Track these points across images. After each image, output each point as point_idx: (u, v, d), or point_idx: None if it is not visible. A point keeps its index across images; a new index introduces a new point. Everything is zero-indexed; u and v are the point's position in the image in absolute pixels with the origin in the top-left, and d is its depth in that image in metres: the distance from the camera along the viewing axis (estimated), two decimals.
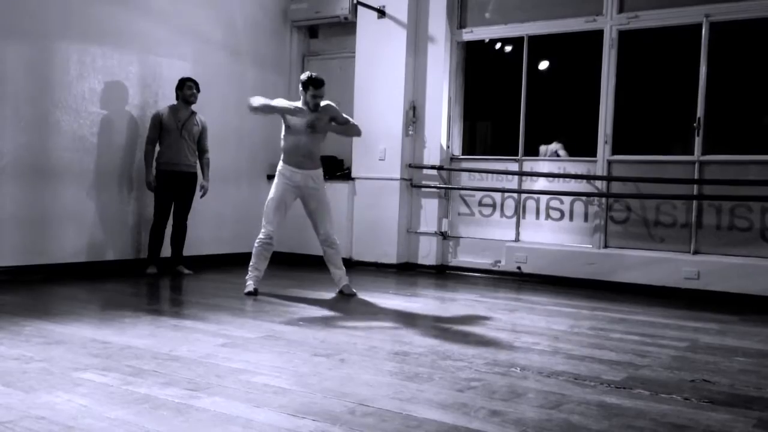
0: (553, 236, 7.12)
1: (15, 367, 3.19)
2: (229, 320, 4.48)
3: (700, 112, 6.39)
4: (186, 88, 6.61)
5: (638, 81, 7.13)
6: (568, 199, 7.04)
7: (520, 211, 7.29)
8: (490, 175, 7.44)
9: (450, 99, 7.72)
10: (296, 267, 7.60)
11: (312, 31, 8.73)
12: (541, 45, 7.39)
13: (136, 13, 6.76)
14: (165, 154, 6.59)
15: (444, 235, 7.66)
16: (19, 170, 5.95)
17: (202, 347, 3.69)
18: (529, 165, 7.30)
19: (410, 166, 7.72)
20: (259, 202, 8.30)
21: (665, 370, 3.53)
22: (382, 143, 7.66)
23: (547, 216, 7.17)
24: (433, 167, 7.64)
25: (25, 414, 2.54)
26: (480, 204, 7.53)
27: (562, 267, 6.87)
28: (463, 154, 7.83)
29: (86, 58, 6.39)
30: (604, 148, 6.85)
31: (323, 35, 8.69)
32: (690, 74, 6.43)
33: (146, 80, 6.91)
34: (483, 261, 7.44)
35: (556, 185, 7.12)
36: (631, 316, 5.13)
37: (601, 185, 6.87)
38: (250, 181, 8.15)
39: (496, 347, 3.94)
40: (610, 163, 6.84)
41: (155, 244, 6.62)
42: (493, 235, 7.43)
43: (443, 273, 7.57)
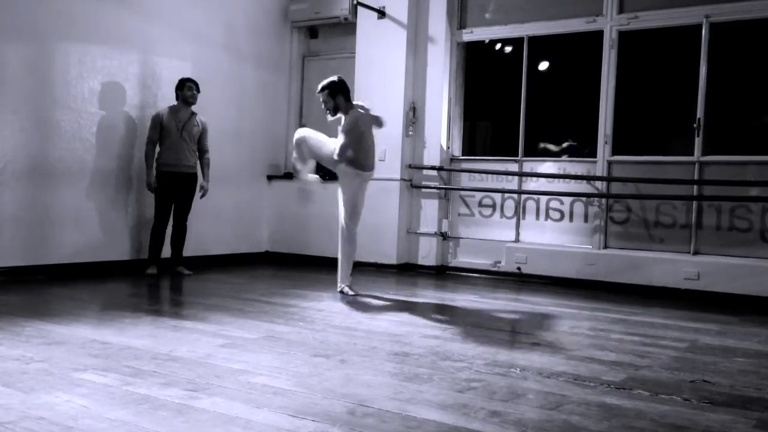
0: (553, 237, 7.12)
1: (15, 367, 3.19)
2: (229, 321, 4.48)
3: (700, 112, 6.39)
4: (186, 89, 6.61)
5: (638, 82, 7.12)
6: (568, 200, 7.05)
7: (520, 212, 7.29)
8: (490, 175, 7.45)
9: (450, 99, 7.72)
10: (296, 267, 7.61)
11: (312, 31, 8.74)
12: (541, 45, 7.39)
13: (136, 13, 6.76)
14: (165, 154, 6.59)
15: (444, 236, 7.66)
16: (19, 171, 5.95)
17: (202, 348, 3.69)
18: (529, 165, 7.30)
19: (410, 166, 7.72)
20: (259, 202, 8.34)
21: (665, 370, 3.53)
22: (382, 144, 7.62)
23: (547, 216, 7.17)
24: (433, 168, 7.64)
25: (24, 414, 2.54)
26: (480, 204, 7.54)
27: (562, 267, 6.87)
28: (463, 155, 7.83)
29: (86, 58, 6.39)
30: (604, 149, 6.85)
31: (323, 36, 8.69)
32: (690, 75, 6.43)
33: (146, 80, 6.91)
34: (483, 261, 7.44)
35: (556, 186, 7.12)
36: (631, 317, 5.13)
37: (601, 186, 6.88)
38: (250, 181, 8.16)
39: (495, 348, 3.94)
40: (610, 163, 6.84)
41: (155, 244, 6.62)
42: (493, 235, 7.43)
43: (443, 273, 7.57)
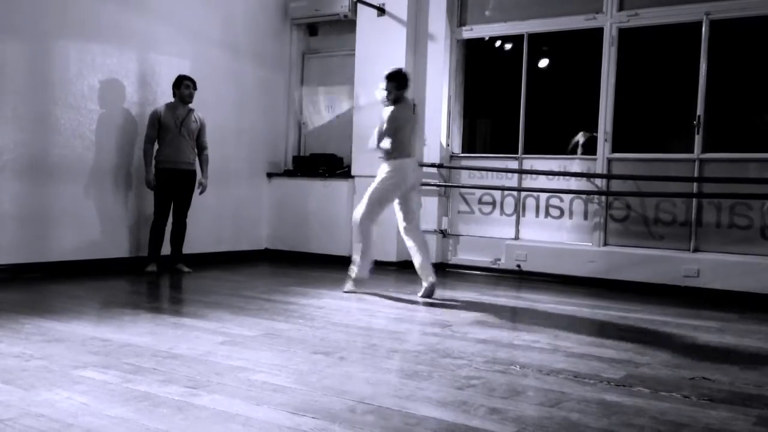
0: (553, 234, 7.12)
1: (15, 364, 3.19)
2: (228, 318, 4.48)
3: (700, 109, 6.38)
4: (183, 87, 6.60)
5: (638, 79, 7.13)
6: (567, 197, 7.04)
7: (519, 209, 7.29)
8: (489, 173, 7.44)
9: (450, 97, 7.72)
10: (296, 265, 7.61)
11: (312, 28, 8.73)
12: (541, 43, 7.39)
13: (135, 11, 6.75)
14: (164, 152, 6.58)
15: (444, 233, 7.66)
16: (18, 168, 5.95)
17: (202, 345, 3.69)
18: (529, 163, 7.29)
19: None
20: (259, 200, 8.34)
21: (665, 367, 3.53)
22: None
23: (547, 214, 7.17)
24: (432, 165, 7.63)
25: (24, 411, 2.54)
26: (480, 202, 7.53)
27: (562, 265, 6.87)
28: (462, 152, 7.83)
29: (86, 56, 6.38)
30: (603, 146, 6.84)
31: (323, 33, 8.68)
32: (690, 72, 6.43)
33: (145, 78, 6.90)
34: (483, 259, 7.44)
35: (556, 183, 7.12)
36: (631, 314, 5.13)
37: (600, 183, 6.87)
38: (250, 179, 8.15)
39: (495, 345, 3.94)
40: (609, 161, 6.83)
41: (155, 242, 6.61)
42: (492, 233, 7.43)
43: (443, 271, 7.55)
